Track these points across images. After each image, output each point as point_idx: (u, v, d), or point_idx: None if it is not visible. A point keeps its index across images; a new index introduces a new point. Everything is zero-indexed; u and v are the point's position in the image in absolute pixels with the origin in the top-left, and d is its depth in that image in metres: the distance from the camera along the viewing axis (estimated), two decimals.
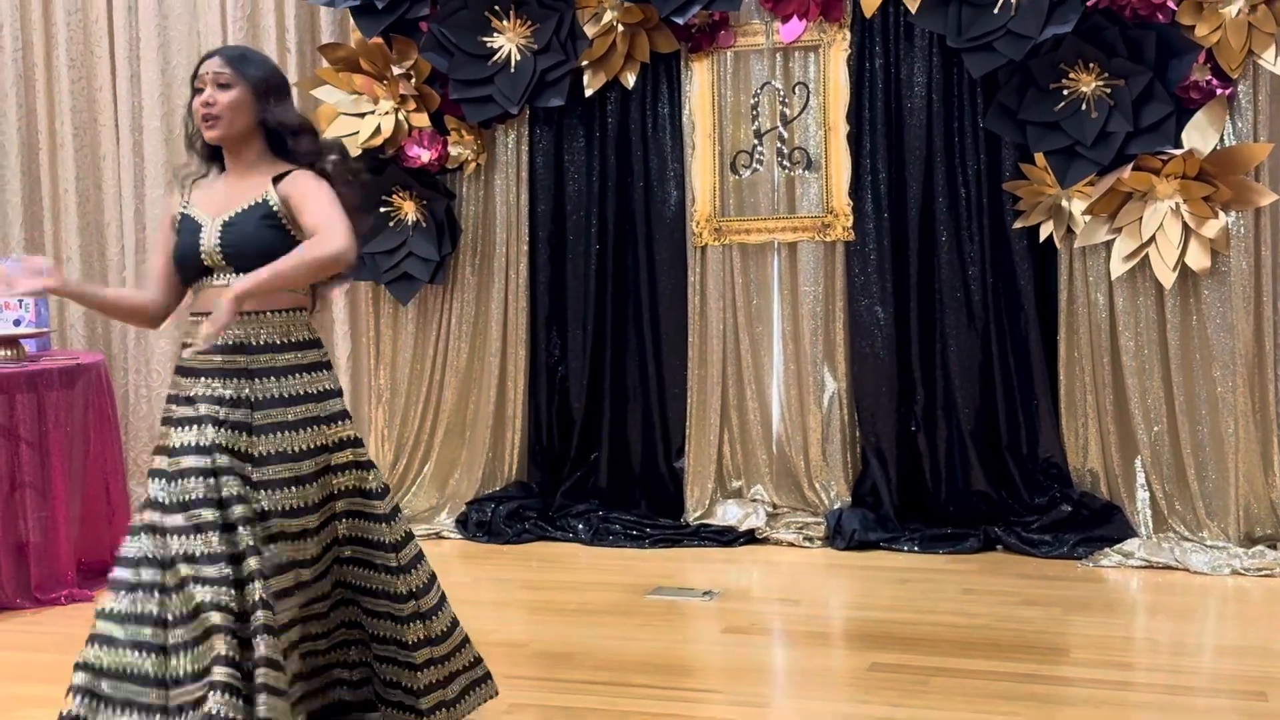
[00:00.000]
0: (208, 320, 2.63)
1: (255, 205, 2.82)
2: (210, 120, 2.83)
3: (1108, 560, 4.60)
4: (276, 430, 2.77)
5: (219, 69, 2.84)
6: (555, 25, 5.08)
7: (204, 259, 2.81)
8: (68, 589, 4.45)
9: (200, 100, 2.83)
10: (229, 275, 2.78)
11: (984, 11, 4.66)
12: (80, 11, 5.66)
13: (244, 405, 2.77)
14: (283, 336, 2.83)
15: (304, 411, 2.81)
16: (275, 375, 2.81)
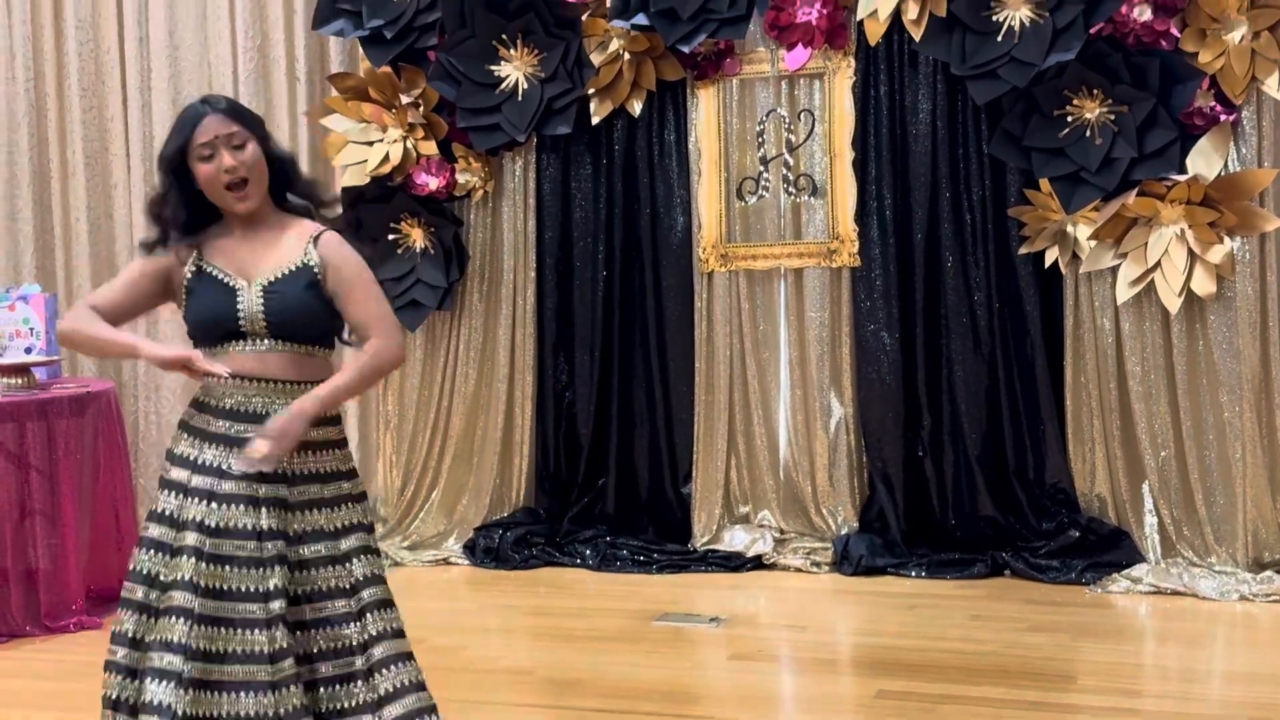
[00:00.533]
0: (267, 440, 2.49)
1: (299, 270, 2.64)
2: (240, 187, 2.61)
3: (1116, 586, 4.60)
4: (314, 508, 2.66)
5: (227, 128, 2.61)
6: (562, 54, 5.12)
7: (242, 325, 2.61)
8: (77, 616, 4.46)
9: (219, 168, 2.59)
10: (266, 341, 2.62)
11: (988, 39, 4.68)
12: (92, 43, 5.71)
13: (279, 481, 2.62)
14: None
15: (339, 489, 2.70)
16: (312, 450, 2.65)
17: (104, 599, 4.72)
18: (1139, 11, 4.54)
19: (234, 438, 2.62)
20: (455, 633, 4.35)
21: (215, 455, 2.64)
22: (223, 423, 2.65)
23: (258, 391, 2.63)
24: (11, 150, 5.76)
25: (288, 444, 2.51)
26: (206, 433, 2.66)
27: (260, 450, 2.49)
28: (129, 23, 5.67)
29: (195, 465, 2.65)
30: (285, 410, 2.55)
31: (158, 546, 2.63)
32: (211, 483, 2.62)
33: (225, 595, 2.56)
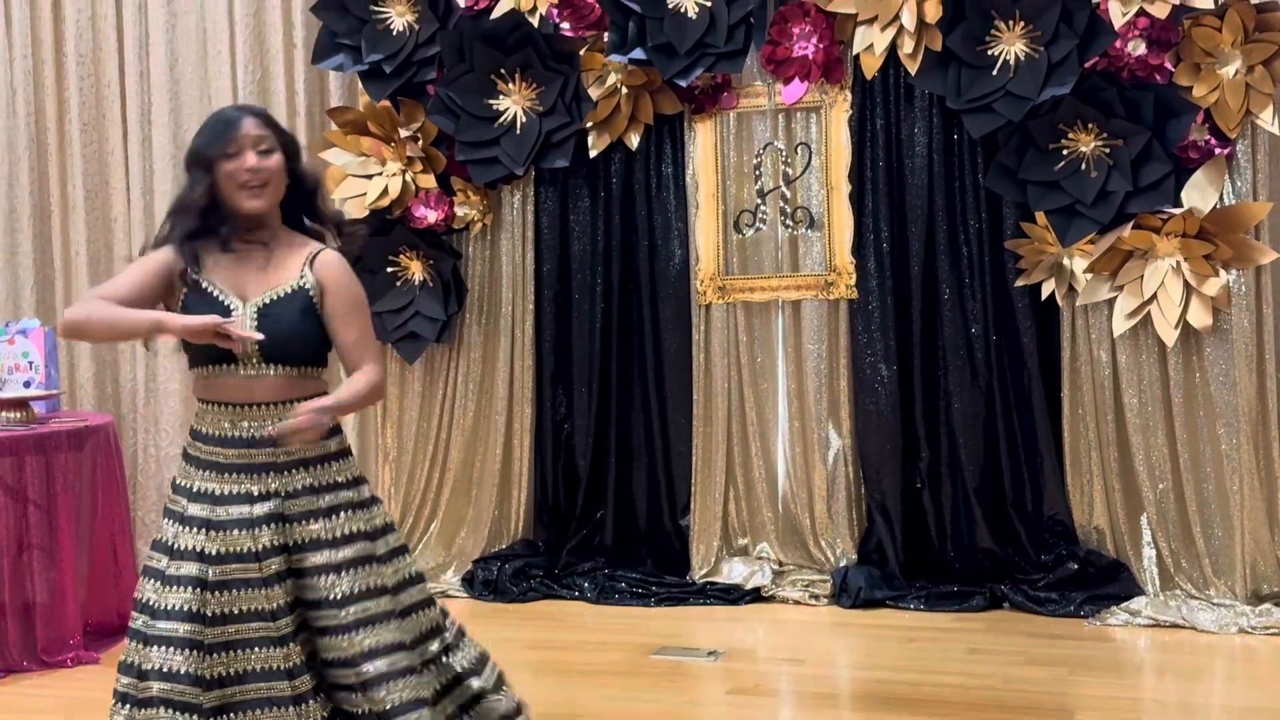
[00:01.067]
0: (301, 421, 2.52)
1: (294, 293, 2.68)
2: (259, 189, 2.65)
3: (1114, 619, 4.59)
4: (310, 518, 2.67)
5: (259, 131, 2.66)
6: (560, 88, 5.15)
7: (234, 346, 2.60)
8: (74, 651, 4.45)
9: (244, 166, 2.63)
10: (255, 365, 2.64)
11: (983, 73, 4.71)
12: (92, 77, 5.74)
13: (273, 497, 2.65)
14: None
15: (338, 498, 2.70)
16: (306, 466, 2.68)
17: (102, 634, 4.72)
18: (1133, 46, 4.57)
19: (225, 464, 2.66)
20: None
21: (210, 483, 2.67)
22: (215, 449, 2.68)
23: (245, 416, 2.66)
24: (12, 184, 5.78)
25: (310, 431, 2.55)
26: (200, 460, 2.70)
27: (294, 425, 2.53)
28: (129, 57, 5.70)
29: (191, 493, 2.69)
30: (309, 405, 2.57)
31: (152, 574, 2.67)
32: (208, 510, 2.65)
33: (236, 619, 2.61)
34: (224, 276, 2.69)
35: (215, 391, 2.69)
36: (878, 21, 4.88)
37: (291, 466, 2.67)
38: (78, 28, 5.71)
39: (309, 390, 2.69)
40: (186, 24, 5.66)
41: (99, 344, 5.54)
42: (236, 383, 2.66)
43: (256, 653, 2.61)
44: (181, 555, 2.64)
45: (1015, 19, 4.66)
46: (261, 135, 2.66)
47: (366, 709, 2.66)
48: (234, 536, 2.63)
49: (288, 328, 2.66)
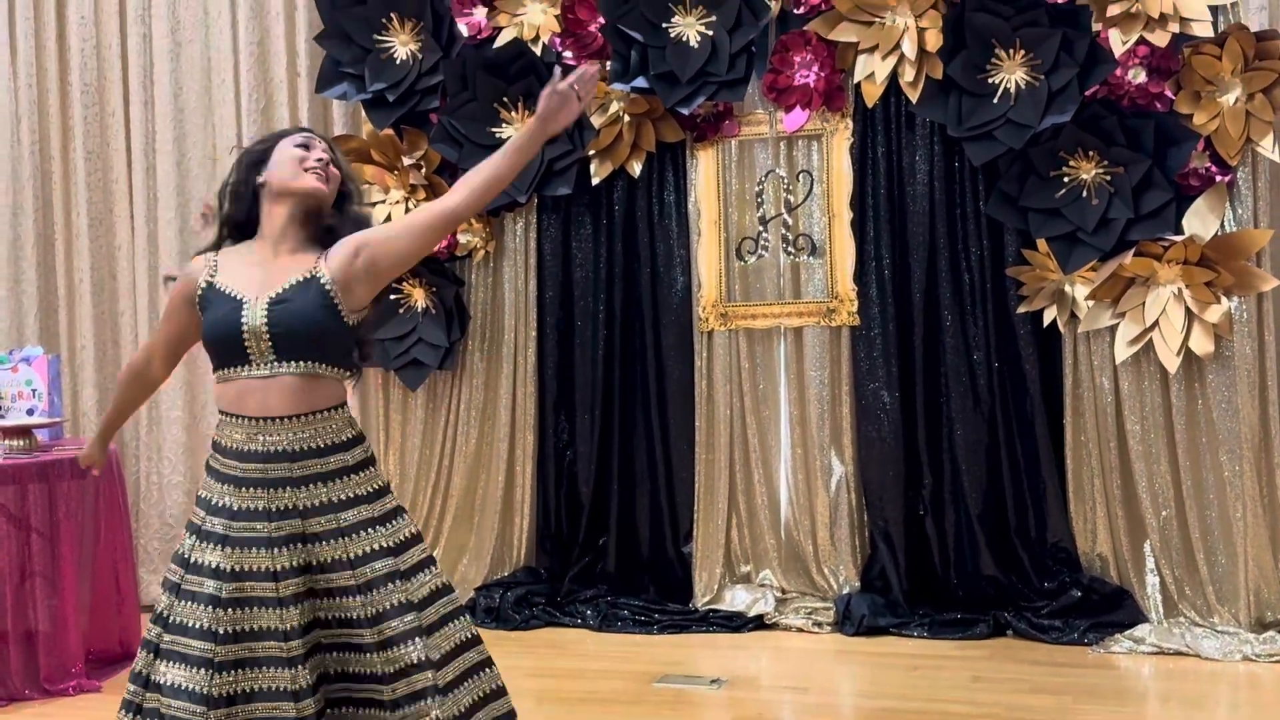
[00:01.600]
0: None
1: (306, 280, 2.65)
2: (323, 175, 2.70)
3: (1119, 646, 4.58)
4: (330, 538, 2.64)
5: (327, 150, 2.75)
6: None
7: (245, 340, 2.61)
8: (76, 679, 4.44)
9: (311, 154, 2.71)
10: (269, 363, 2.62)
11: (984, 101, 4.73)
12: (97, 106, 5.77)
13: (292, 515, 2.63)
14: (332, 438, 2.67)
15: (359, 514, 2.67)
16: (325, 480, 2.65)
17: (104, 662, 4.72)
18: (1133, 74, 4.60)
19: (243, 479, 2.64)
20: None
21: (228, 497, 2.65)
22: (233, 463, 2.66)
23: (262, 430, 2.63)
24: (16, 212, 5.80)
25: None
26: (220, 473, 2.69)
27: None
28: (134, 86, 5.73)
29: (210, 506, 2.68)
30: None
31: (169, 587, 2.67)
32: (225, 525, 2.63)
33: (248, 636, 2.59)
34: (234, 277, 2.69)
35: (232, 400, 2.66)
36: (879, 50, 4.91)
37: (310, 481, 2.64)
38: (82, 57, 5.74)
39: (327, 398, 2.66)
40: (191, 53, 5.70)
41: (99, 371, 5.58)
42: (252, 387, 2.62)
43: (266, 672, 2.59)
44: (197, 570, 2.63)
45: (1016, 47, 4.68)
46: (328, 150, 2.76)
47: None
48: (251, 554, 2.61)
49: (299, 313, 2.62)
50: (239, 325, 2.62)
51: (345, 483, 2.67)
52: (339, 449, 2.66)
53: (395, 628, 2.63)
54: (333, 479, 2.66)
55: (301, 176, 2.69)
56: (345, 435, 2.68)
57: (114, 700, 2.72)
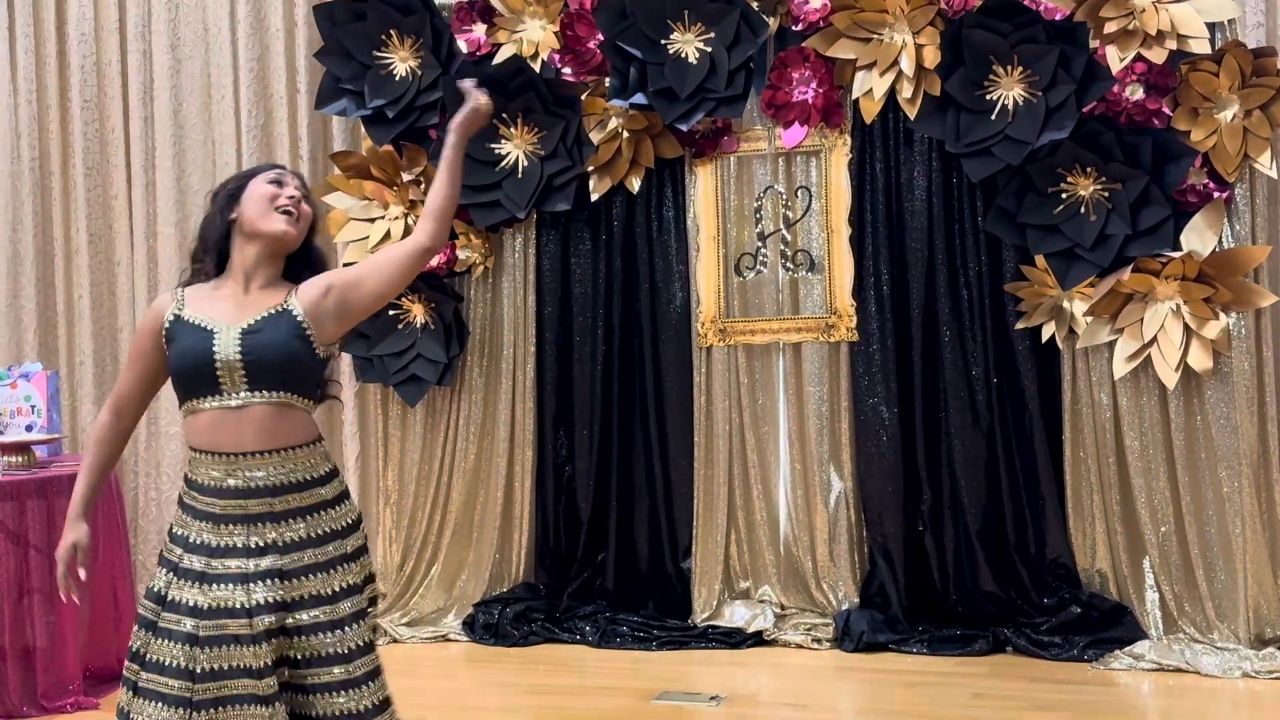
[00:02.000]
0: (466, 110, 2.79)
1: (279, 313, 2.66)
2: (293, 214, 2.72)
3: (1118, 663, 4.57)
4: (310, 573, 2.63)
5: (300, 188, 2.78)
6: (562, 132, 5.18)
7: (217, 369, 2.60)
8: (74, 697, 4.43)
9: (283, 192, 2.73)
10: (241, 393, 2.60)
11: (982, 118, 4.74)
12: (97, 122, 5.78)
13: (271, 551, 2.62)
14: (307, 473, 2.66)
15: (335, 549, 2.67)
16: (304, 515, 2.65)
17: (102, 679, 4.71)
18: (1131, 91, 4.61)
19: (221, 515, 2.62)
20: (454, 712, 4.33)
21: (206, 534, 2.63)
22: (210, 499, 2.64)
23: (239, 465, 2.61)
24: (15, 228, 5.81)
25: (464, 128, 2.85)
26: (197, 510, 2.66)
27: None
28: (134, 102, 5.74)
29: (187, 544, 2.65)
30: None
31: (144, 624, 2.64)
32: (203, 563, 2.61)
33: (225, 674, 2.56)
34: (205, 309, 2.69)
35: (204, 436, 2.64)
36: (877, 67, 4.92)
37: (289, 516, 2.63)
38: (82, 73, 5.76)
39: (295, 433, 2.65)
40: (190, 69, 5.71)
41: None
42: (224, 418, 2.61)
43: (243, 709, 2.57)
44: (174, 608, 2.61)
45: (1013, 64, 4.69)
46: (301, 189, 2.78)
47: None
48: (227, 591, 2.59)
49: (272, 343, 2.62)
50: (210, 354, 2.61)
51: (323, 517, 2.67)
52: (317, 483, 2.67)
53: (364, 665, 2.65)
54: (310, 514, 2.66)
55: (271, 217, 2.70)
56: (323, 469, 2.69)
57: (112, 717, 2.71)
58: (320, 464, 2.69)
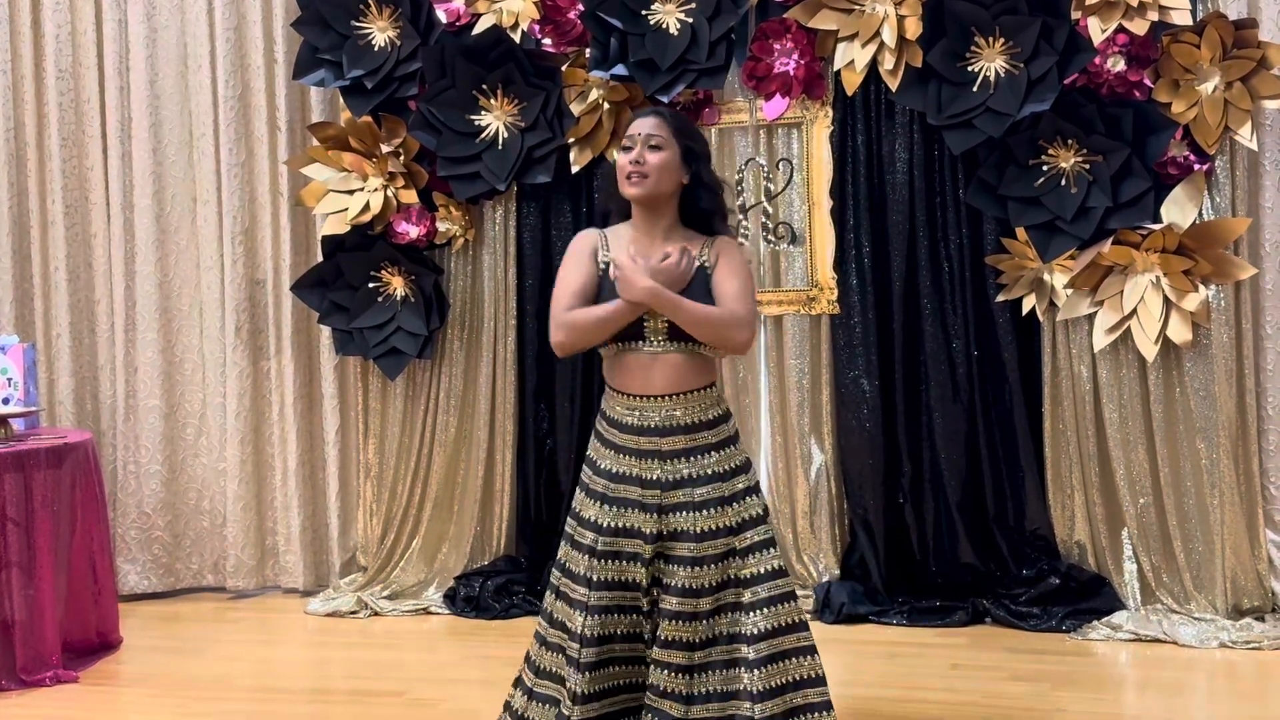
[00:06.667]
0: (642, 268, 2.88)
1: (696, 270, 2.99)
2: (636, 177, 3.00)
3: (1096, 633, 4.60)
4: (682, 510, 2.96)
5: (653, 130, 3.03)
6: (542, 103, 5.15)
7: (645, 323, 2.96)
8: (53, 670, 4.41)
9: (629, 158, 3.02)
10: (663, 343, 2.96)
11: (963, 90, 4.73)
12: (72, 93, 5.72)
13: (655, 486, 2.97)
14: (699, 415, 3.00)
15: (711, 491, 2.97)
16: (688, 456, 2.98)
17: (81, 652, 4.71)
18: (1112, 63, 4.60)
19: (631, 449, 3.01)
20: (436, 685, 4.33)
21: (614, 463, 3.03)
22: (624, 436, 3.02)
23: (650, 407, 2.98)
24: None
25: (635, 277, 2.89)
26: (608, 441, 3.06)
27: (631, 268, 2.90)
28: (109, 72, 5.67)
29: (596, 469, 3.07)
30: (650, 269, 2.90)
31: (565, 537, 3.14)
32: (605, 486, 3.02)
33: (618, 586, 2.99)
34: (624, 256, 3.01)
35: (619, 376, 3.02)
36: (858, 38, 4.90)
37: (675, 456, 2.97)
38: (57, 43, 5.69)
39: (702, 378, 3.00)
40: (167, 39, 5.65)
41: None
42: (641, 362, 2.97)
43: (627, 618, 3.02)
44: (584, 524, 3.07)
45: (995, 36, 4.68)
46: (655, 134, 3.03)
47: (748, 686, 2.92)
48: (626, 514, 2.99)
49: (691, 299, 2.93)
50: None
51: (707, 459, 2.99)
52: (706, 426, 3.00)
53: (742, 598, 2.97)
54: (695, 455, 2.98)
55: (622, 183, 3.05)
56: (714, 413, 3.03)
57: (92, 691, 2.72)
58: (711, 407, 3.04)
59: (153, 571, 5.65)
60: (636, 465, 3.00)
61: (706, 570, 2.94)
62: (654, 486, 2.98)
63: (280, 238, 5.60)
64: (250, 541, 5.63)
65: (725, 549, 2.96)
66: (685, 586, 2.93)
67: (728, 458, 3.04)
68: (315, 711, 4.19)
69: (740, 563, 2.97)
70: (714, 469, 3.00)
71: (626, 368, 3.00)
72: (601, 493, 3.04)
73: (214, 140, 5.62)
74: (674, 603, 2.93)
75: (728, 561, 2.96)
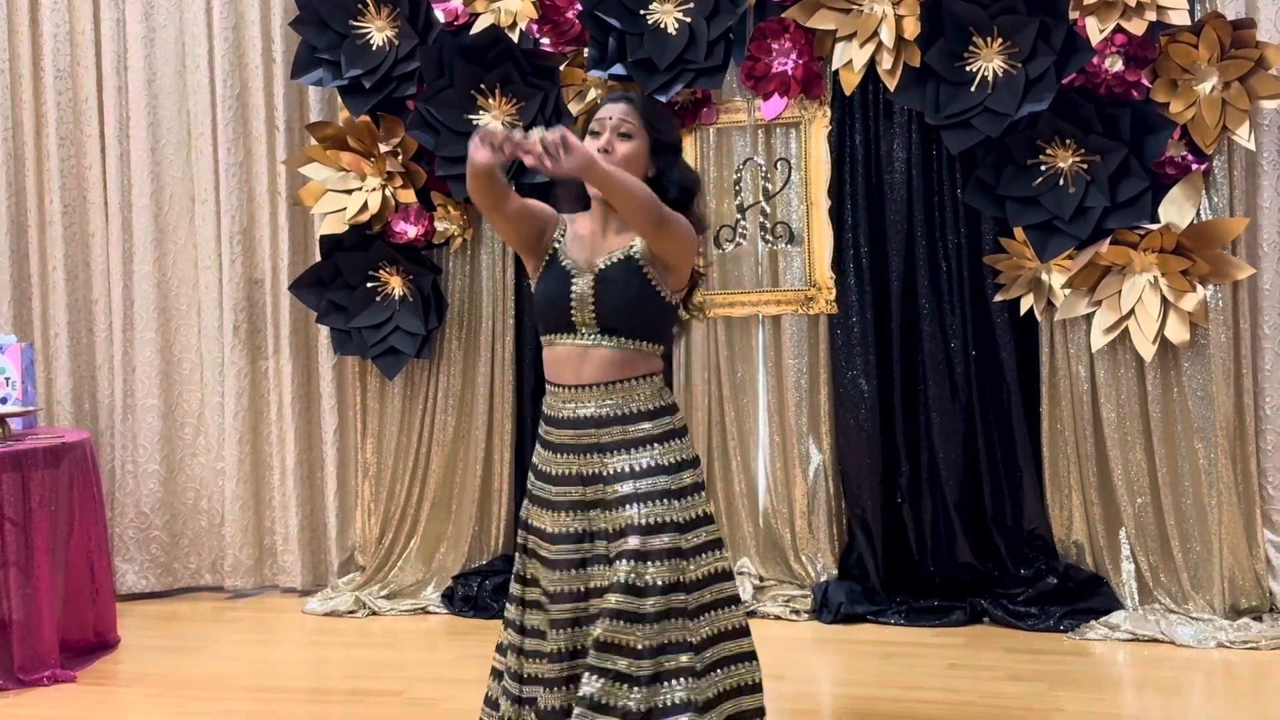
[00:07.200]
0: (533, 133, 2.57)
1: (626, 260, 2.85)
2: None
3: (1094, 633, 4.60)
4: (627, 504, 2.80)
5: (624, 116, 2.87)
6: (540, 103, 5.14)
7: (572, 310, 2.84)
8: (50, 670, 4.40)
9: (596, 145, 2.84)
10: (592, 334, 2.83)
11: (961, 90, 4.73)
12: (70, 92, 5.71)
13: (596, 481, 2.84)
14: (639, 405, 2.85)
15: (656, 484, 2.81)
16: (628, 448, 2.83)
17: (79, 652, 4.71)
18: (1110, 63, 4.60)
19: (570, 445, 2.87)
20: (434, 684, 4.33)
21: (555, 465, 2.91)
22: (561, 432, 2.90)
23: (585, 397, 2.84)
24: None
25: (535, 145, 2.56)
26: (547, 442, 2.93)
27: (538, 136, 2.56)
28: (107, 71, 5.67)
29: (539, 473, 2.95)
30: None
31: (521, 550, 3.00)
32: (550, 491, 2.91)
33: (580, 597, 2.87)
34: (576, 245, 2.91)
35: (552, 368, 2.90)
36: (856, 38, 4.90)
37: (615, 448, 2.82)
38: (55, 42, 5.68)
39: (640, 368, 2.84)
40: (165, 38, 5.65)
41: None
42: (569, 353, 2.84)
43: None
44: (531, 530, 2.97)
45: (993, 36, 4.68)
46: (626, 120, 2.87)
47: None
48: (563, 518, 2.88)
49: (623, 293, 2.81)
50: (567, 296, 2.84)
51: (650, 451, 2.83)
52: (646, 417, 2.84)
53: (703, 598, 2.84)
54: (636, 448, 2.83)
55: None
56: (655, 404, 2.87)
57: (90, 690, 2.72)
58: (651, 398, 2.87)
59: (150, 571, 5.65)
60: (577, 462, 2.86)
61: (652, 566, 2.74)
62: (596, 481, 2.84)
63: (278, 237, 5.60)
64: (248, 541, 5.63)
65: (672, 546, 2.77)
66: (629, 583, 2.73)
67: (673, 450, 2.85)
68: (313, 711, 4.19)
69: (685, 564, 2.79)
70: (658, 460, 2.82)
71: (558, 359, 2.88)
72: (549, 499, 2.91)
73: (212, 140, 5.62)
74: (614, 600, 2.73)
75: (674, 561, 2.77)
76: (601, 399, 2.82)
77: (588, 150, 2.65)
